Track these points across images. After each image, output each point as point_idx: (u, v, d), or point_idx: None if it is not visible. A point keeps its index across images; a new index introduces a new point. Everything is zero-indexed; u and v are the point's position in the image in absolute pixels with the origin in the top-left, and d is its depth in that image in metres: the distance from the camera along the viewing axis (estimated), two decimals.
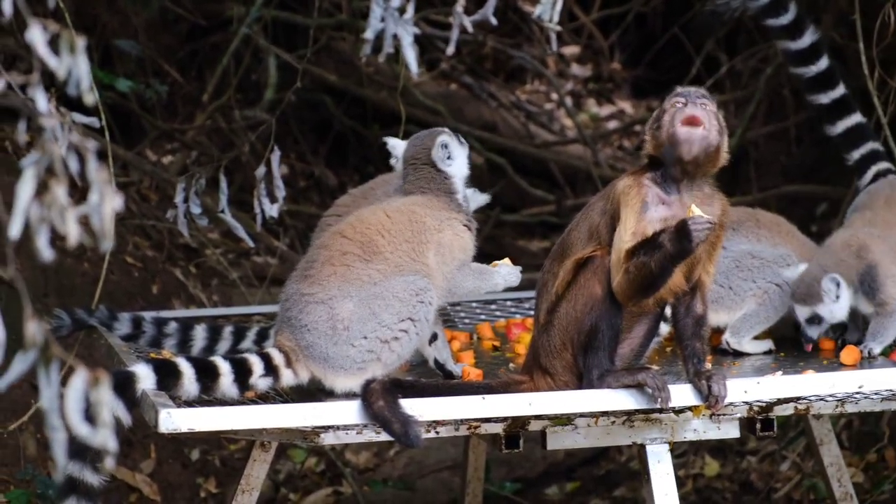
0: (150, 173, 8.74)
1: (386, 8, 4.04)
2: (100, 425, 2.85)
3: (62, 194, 2.83)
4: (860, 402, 4.90)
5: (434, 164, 5.10)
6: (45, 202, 2.84)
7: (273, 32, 10.09)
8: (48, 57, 2.89)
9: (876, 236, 5.37)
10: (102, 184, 2.85)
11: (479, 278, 4.98)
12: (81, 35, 2.94)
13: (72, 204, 2.84)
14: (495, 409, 4.44)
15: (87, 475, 4.30)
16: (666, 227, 4.48)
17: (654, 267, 4.42)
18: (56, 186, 2.83)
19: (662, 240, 4.40)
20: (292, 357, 4.73)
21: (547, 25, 4.00)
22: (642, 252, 4.43)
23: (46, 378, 2.87)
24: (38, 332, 2.83)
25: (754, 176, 9.71)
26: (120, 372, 4.48)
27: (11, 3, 3.00)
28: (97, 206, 2.87)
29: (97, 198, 2.86)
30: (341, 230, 4.89)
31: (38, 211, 2.84)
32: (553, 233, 10.91)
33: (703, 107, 4.55)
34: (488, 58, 12.79)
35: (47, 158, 2.85)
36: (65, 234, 2.84)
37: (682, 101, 4.57)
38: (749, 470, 7.98)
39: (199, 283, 8.69)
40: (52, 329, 5.53)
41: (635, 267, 4.44)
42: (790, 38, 5.65)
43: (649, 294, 4.55)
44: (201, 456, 7.81)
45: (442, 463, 8.19)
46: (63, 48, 2.92)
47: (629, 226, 4.49)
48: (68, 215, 2.83)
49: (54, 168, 2.85)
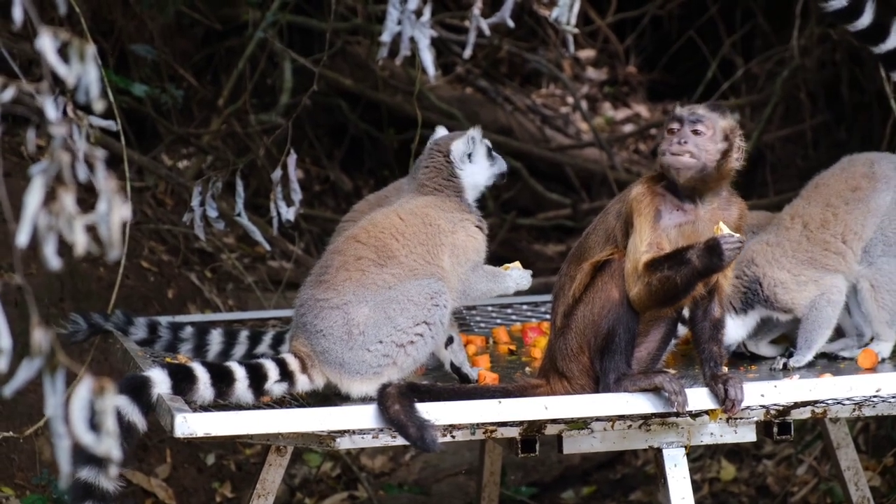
0: (166, 178, 8.75)
1: (402, 11, 4.04)
2: (104, 433, 2.85)
3: (70, 203, 2.82)
4: (877, 405, 4.88)
5: (449, 155, 5.09)
6: (53, 210, 2.83)
7: (288, 37, 10.10)
8: (58, 64, 2.89)
9: (767, 243, 5.31)
10: (111, 193, 2.84)
11: (491, 280, 4.97)
12: (91, 42, 2.93)
13: (80, 212, 2.83)
14: (511, 413, 4.44)
15: (102, 480, 4.30)
16: (682, 233, 4.49)
17: (679, 282, 4.42)
18: (64, 195, 2.83)
19: (690, 256, 4.40)
20: (307, 363, 4.73)
21: (564, 28, 3.99)
22: (666, 266, 4.42)
23: (52, 385, 2.87)
24: (44, 340, 2.83)
25: (770, 179, 9.70)
26: (135, 377, 4.48)
27: (22, 11, 3.00)
28: (105, 215, 2.86)
29: (105, 207, 2.85)
30: (355, 235, 4.89)
31: (46, 219, 2.83)
32: (569, 237, 10.91)
33: (695, 133, 4.54)
34: (504, 62, 12.78)
35: (56, 166, 2.85)
36: (72, 243, 2.83)
37: (675, 125, 4.58)
38: (766, 474, 7.96)
39: (214, 288, 8.69)
40: (68, 334, 5.53)
41: (659, 281, 4.43)
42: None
43: (670, 306, 4.57)
44: (217, 460, 7.81)
45: (458, 467, 8.18)
46: (73, 55, 2.91)
47: (644, 236, 4.48)
48: (76, 224, 2.83)
49: (63, 176, 2.85)
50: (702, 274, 4.42)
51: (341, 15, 10.15)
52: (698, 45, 12.16)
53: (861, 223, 5.27)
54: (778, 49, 10.66)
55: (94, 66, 2.92)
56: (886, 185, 5.32)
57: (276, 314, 6.40)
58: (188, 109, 9.77)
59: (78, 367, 2.86)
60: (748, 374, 5.14)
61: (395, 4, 4.06)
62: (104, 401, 2.83)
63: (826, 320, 5.21)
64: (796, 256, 5.26)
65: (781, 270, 5.24)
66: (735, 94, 11.30)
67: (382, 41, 4.06)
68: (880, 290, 5.25)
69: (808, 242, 5.28)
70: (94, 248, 2.83)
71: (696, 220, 4.54)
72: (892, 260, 5.27)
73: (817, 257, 5.26)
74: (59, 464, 2.86)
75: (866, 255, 5.27)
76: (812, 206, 5.35)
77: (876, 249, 5.27)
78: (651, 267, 4.45)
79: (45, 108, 2.94)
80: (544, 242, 11.28)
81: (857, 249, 5.27)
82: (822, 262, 5.25)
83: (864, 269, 5.27)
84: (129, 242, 6.65)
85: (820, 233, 5.28)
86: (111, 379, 2.87)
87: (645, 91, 13.41)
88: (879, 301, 5.25)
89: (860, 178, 5.34)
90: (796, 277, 5.22)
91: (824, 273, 5.25)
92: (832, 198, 5.33)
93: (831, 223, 5.28)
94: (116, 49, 9.12)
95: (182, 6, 9.17)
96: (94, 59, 2.93)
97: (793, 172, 6.17)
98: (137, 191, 8.79)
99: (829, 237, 5.27)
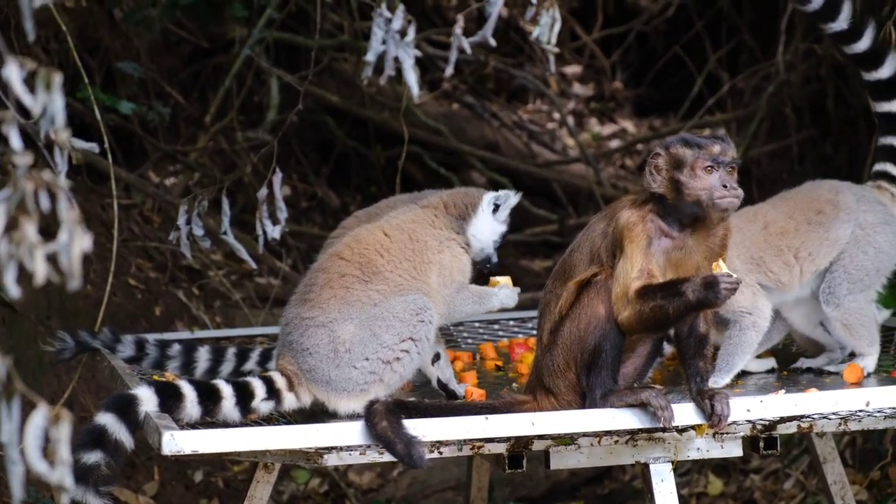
0: (153, 195, 8.75)
1: (387, 30, 4.05)
2: (58, 463, 2.85)
3: (32, 231, 2.82)
4: (863, 419, 4.89)
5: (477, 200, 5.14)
6: (14, 239, 2.83)
7: (275, 54, 10.12)
8: (23, 94, 2.89)
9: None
10: (72, 223, 2.84)
11: (477, 302, 4.99)
12: (58, 72, 2.93)
13: (41, 241, 2.83)
14: (498, 429, 4.44)
15: (90, 498, 4.29)
16: (670, 259, 4.50)
17: (671, 312, 4.42)
18: (26, 223, 2.82)
19: (685, 290, 4.39)
20: (294, 381, 4.73)
21: (545, 47, 4.01)
22: (660, 296, 4.42)
23: (7, 412, 2.87)
24: (1, 366, 2.83)
25: (757, 194, 9.72)
26: (122, 395, 4.48)
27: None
28: (66, 245, 2.86)
29: (66, 237, 2.85)
30: (339, 252, 4.89)
31: (6, 247, 2.83)
32: (555, 252, 10.92)
33: (733, 171, 4.53)
34: (490, 78, 12.82)
35: (19, 195, 2.84)
36: (32, 272, 2.83)
37: (710, 164, 4.51)
38: (753, 488, 7.97)
39: (202, 305, 8.69)
40: (55, 352, 5.53)
41: (651, 310, 4.43)
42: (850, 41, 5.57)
43: (658, 333, 4.59)
44: (205, 477, 7.80)
45: (445, 483, 8.19)
46: (39, 85, 2.91)
47: (636, 263, 4.48)
48: (37, 253, 2.83)
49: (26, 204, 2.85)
50: (695, 308, 4.42)
51: (328, 32, 10.17)
52: (684, 60, 12.21)
53: (817, 246, 5.27)
54: (763, 64, 10.70)
55: (60, 96, 2.92)
56: (848, 216, 5.32)
57: (263, 331, 6.40)
58: (175, 127, 9.78)
59: (36, 395, 2.85)
60: (734, 389, 5.16)
61: (379, 24, 4.07)
62: (59, 430, 2.82)
63: (748, 344, 5.20)
64: (749, 251, 5.25)
65: (732, 259, 5.21)
66: (721, 109, 11.34)
67: (367, 61, 4.08)
68: (853, 326, 5.26)
69: (763, 242, 5.28)
70: (54, 277, 2.83)
71: (685, 246, 4.54)
72: (859, 295, 5.27)
73: (767, 260, 5.25)
74: (13, 490, 2.85)
75: (832, 296, 5.27)
76: (776, 212, 5.36)
77: (841, 289, 5.27)
78: (643, 296, 4.44)
79: (9, 138, 2.93)
80: (531, 258, 11.29)
81: (806, 272, 5.27)
82: (768, 267, 5.25)
83: (832, 311, 5.27)
84: (116, 260, 6.65)
85: (777, 239, 5.28)
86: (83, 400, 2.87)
87: (631, 106, 13.45)
88: (855, 335, 5.27)
89: (824, 203, 5.35)
90: (743, 277, 5.19)
91: (765, 284, 5.24)
92: (796, 212, 5.34)
93: (790, 235, 5.29)
94: (103, 66, 9.13)
95: (169, 23, 9.19)
96: (59, 88, 2.93)
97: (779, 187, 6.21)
98: (124, 208, 8.80)
99: (784, 247, 5.27)
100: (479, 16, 7.54)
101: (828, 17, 5.41)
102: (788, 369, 5.42)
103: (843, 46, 5.47)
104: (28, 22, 2.95)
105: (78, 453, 4.27)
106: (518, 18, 12.00)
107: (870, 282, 5.29)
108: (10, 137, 2.95)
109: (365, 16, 9.89)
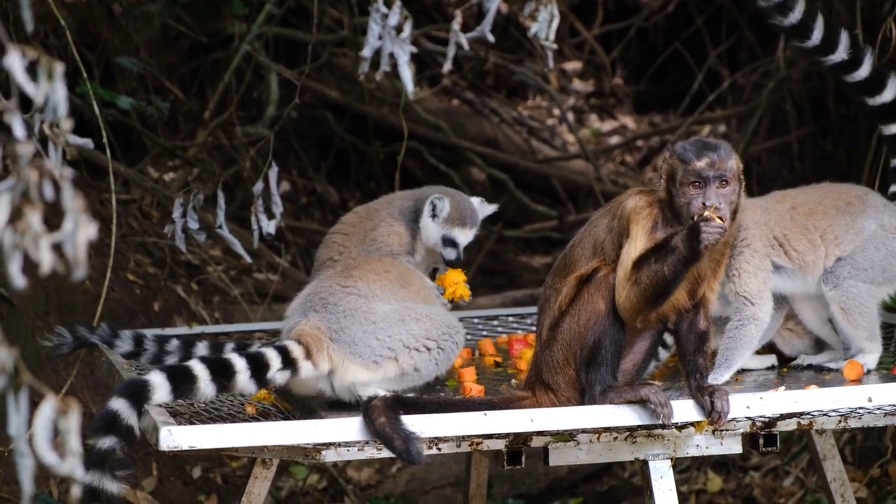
0: (152, 190, 8.74)
1: (384, 26, 4.04)
2: (68, 453, 2.84)
3: (36, 221, 2.81)
4: (863, 417, 4.88)
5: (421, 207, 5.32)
6: (19, 229, 2.82)
7: (274, 49, 10.10)
8: (26, 83, 2.88)
9: (755, 204, 5.31)
10: (77, 212, 2.83)
11: None
12: (60, 62, 2.92)
13: (46, 231, 2.82)
14: (497, 425, 4.43)
15: (106, 483, 4.28)
16: None
17: (667, 273, 4.40)
18: (30, 213, 2.81)
19: (674, 243, 4.40)
20: (314, 347, 4.73)
21: (543, 44, 4.00)
22: (653, 259, 4.42)
23: (15, 404, 2.85)
24: (8, 359, 2.81)
25: (757, 191, 9.72)
26: (134, 380, 4.44)
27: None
28: (71, 234, 2.85)
29: (72, 226, 2.84)
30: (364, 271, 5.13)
31: (11, 237, 2.82)
32: (555, 248, 10.91)
33: (720, 196, 4.48)
34: (490, 74, 12.80)
35: (23, 184, 2.83)
36: (37, 262, 2.82)
37: (695, 180, 4.48)
38: (752, 485, 7.96)
39: (200, 301, 8.68)
40: (53, 347, 5.52)
41: (647, 276, 4.43)
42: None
43: (659, 304, 4.52)
44: (203, 473, 7.79)
45: (444, 479, 8.18)
46: (41, 75, 2.90)
47: (639, 244, 4.48)
48: (42, 243, 2.82)
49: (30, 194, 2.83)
50: (687, 260, 4.40)
51: (327, 27, 10.15)
52: (684, 56, 12.20)
53: (843, 232, 5.28)
54: (764, 61, 10.69)
55: (62, 86, 2.91)
56: (874, 213, 5.33)
57: (262, 327, 6.38)
58: (174, 122, 9.76)
59: (44, 387, 2.84)
60: (734, 385, 5.14)
61: (376, 20, 4.06)
62: (68, 420, 2.81)
63: (748, 339, 5.18)
64: (773, 230, 5.25)
65: (755, 240, 5.21)
66: (721, 105, 11.33)
67: (363, 56, 4.07)
68: (851, 312, 5.25)
69: (790, 221, 5.28)
70: (59, 267, 2.82)
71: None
72: (860, 283, 5.26)
73: (791, 238, 5.24)
74: (22, 483, 2.84)
75: (832, 275, 5.26)
76: (805, 196, 5.38)
77: (843, 271, 5.26)
78: (639, 263, 4.45)
79: (12, 127, 2.92)
80: (531, 254, 11.28)
81: (831, 255, 5.27)
82: (792, 245, 5.24)
83: (829, 291, 5.26)
84: (114, 255, 6.64)
85: (805, 219, 5.28)
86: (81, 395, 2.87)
87: (631, 103, 13.43)
88: (853, 323, 5.25)
89: (853, 197, 5.37)
90: (759, 261, 5.19)
91: (784, 267, 5.23)
92: (826, 199, 5.35)
93: (818, 216, 5.29)
94: (102, 62, 9.11)
95: (168, 19, 9.17)
96: (61, 78, 2.92)
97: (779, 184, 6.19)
98: (123, 203, 8.78)
99: (812, 226, 5.27)
100: (478, 12, 7.53)
101: (827, 50, 5.45)
102: (789, 366, 5.41)
103: (844, 76, 5.52)
104: (26, 11, 2.94)
105: (93, 439, 4.25)
106: (518, 14, 11.98)
107: (873, 276, 5.27)
108: (14, 126, 2.94)
109: (364, 11, 9.87)
